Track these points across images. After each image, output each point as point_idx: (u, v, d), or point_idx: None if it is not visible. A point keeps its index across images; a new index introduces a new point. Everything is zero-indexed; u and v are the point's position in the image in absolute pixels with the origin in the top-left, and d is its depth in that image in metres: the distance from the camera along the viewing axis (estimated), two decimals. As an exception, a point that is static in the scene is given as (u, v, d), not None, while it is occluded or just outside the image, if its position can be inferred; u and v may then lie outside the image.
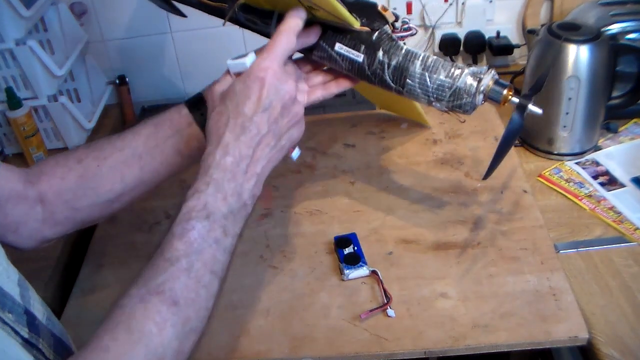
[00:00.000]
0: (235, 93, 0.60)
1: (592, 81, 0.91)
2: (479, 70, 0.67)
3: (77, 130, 1.14)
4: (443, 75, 0.67)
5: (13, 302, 0.53)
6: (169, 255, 0.54)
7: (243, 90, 0.60)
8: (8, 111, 1.04)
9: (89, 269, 0.87)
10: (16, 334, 0.50)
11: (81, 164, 0.68)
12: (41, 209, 0.67)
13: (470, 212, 0.89)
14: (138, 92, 1.30)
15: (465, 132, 1.06)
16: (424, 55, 0.68)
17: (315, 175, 1.01)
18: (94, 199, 0.69)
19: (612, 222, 0.85)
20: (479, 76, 0.66)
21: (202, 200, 0.57)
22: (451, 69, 0.67)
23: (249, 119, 0.59)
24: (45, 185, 0.67)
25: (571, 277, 0.77)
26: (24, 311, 0.53)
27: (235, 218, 0.59)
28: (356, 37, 0.69)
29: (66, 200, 0.68)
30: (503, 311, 0.73)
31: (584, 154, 0.99)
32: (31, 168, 0.69)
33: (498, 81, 0.67)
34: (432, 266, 0.81)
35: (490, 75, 0.66)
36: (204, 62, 1.27)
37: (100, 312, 0.79)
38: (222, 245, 0.57)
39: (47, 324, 0.56)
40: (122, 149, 0.69)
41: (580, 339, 0.70)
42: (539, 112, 0.67)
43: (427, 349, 0.70)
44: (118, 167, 0.69)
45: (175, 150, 0.70)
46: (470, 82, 0.66)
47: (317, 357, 0.71)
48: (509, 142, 0.71)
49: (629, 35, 0.98)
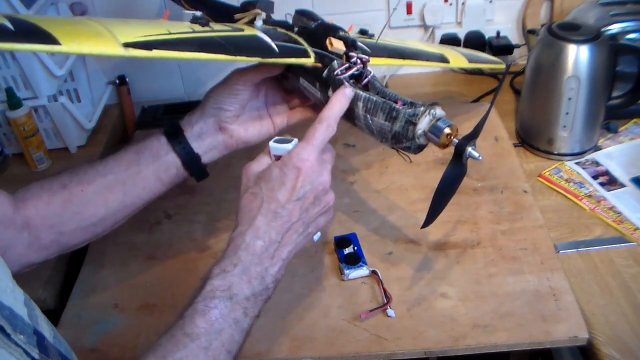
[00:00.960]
0: (271, 178, 0.62)
1: (592, 81, 0.91)
2: (416, 112, 0.61)
3: (77, 130, 1.14)
4: (382, 118, 0.63)
5: (23, 322, 0.53)
6: (190, 331, 0.56)
7: (279, 177, 0.62)
8: (8, 111, 1.04)
9: (89, 269, 0.87)
10: (27, 355, 0.50)
11: (66, 189, 0.70)
12: (27, 233, 0.68)
13: (470, 212, 0.89)
14: (138, 92, 1.30)
15: (465, 132, 1.06)
16: (364, 97, 0.64)
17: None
18: (78, 222, 0.70)
19: (612, 222, 0.85)
20: (414, 120, 0.61)
21: (227, 280, 0.59)
22: (390, 112, 0.62)
23: (282, 206, 0.62)
24: (32, 210, 0.68)
25: (571, 277, 0.77)
26: (33, 331, 0.53)
27: (256, 300, 0.61)
28: (312, 72, 0.69)
29: (52, 225, 0.69)
30: (503, 311, 0.73)
31: (584, 154, 0.99)
32: (16, 193, 0.70)
33: (436, 125, 0.61)
34: (432, 266, 0.81)
35: (428, 118, 0.61)
36: (204, 62, 1.27)
37: (100, 312, 0.79)
38: (240, 326, 0.59)
39: (54, 343, 0.56)
40: (105, 175, 0.71)
41: (580, 339, 0.70)
42: (478, 157, 0.62)
43: (427, 349, 0.70)
44: (101, 192, 0.71)
45: (156, 177, 0.73)
46: (406, 127, 0.62)
47: (317, 357, 0.71)
48: (447, 190, 0.68)
49: (629, 35, 0.98)
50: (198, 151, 0.73)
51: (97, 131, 1.19)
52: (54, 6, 1.12)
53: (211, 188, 0.97)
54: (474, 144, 0.63)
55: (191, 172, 0.75)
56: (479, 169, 0.97)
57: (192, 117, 0.74)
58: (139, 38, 0.57)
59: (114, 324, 0.78)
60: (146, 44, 0.57)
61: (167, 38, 0.60)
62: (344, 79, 0.66)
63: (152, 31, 0.60)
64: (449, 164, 0.65)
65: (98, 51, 0.54)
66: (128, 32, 0.58)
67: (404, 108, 0.62)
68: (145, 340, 0.75)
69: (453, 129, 0.62)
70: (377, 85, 0.67)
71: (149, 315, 0.79)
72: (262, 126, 0.76)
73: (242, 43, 0.66)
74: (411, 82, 1.29)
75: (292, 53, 0.68)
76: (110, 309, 0.80)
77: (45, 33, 0.52)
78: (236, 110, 0.73)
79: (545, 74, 0.95)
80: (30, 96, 1.07)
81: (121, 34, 0.57)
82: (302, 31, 0.73)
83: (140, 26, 0.62)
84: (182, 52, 0.59)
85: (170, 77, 1.31)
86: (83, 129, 1.15)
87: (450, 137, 0.62)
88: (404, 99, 0.64)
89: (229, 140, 0.75)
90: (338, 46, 0.67)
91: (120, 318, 0.79)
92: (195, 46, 0.61)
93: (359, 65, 0.67)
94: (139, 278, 0.85)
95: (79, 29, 0.57)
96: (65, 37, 0.53)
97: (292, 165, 0.62)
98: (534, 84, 0.98)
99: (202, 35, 0.64)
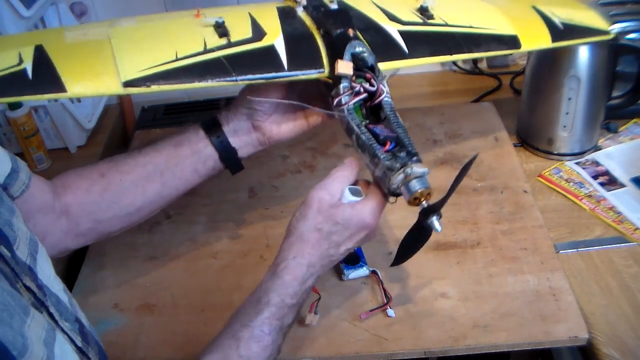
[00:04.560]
0: (340, 223, 0.62)
1: (592, 81, 0.91)
2: (392, 166, 0.59)
3: (77, 130, 1.13)
4: (367, 159, 0.62)
5: (67, 310, 0.54)
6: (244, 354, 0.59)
7: (349, 231, 0.63)
8: (8, 111, 1.04)
9: (89, 269, 0.87)
10: (72, 342, 0.51)
11: (104, 178, 0.71)
12: (66, 220, 0.70)
13: (470, 212, 0.89)
14: (138, 92, 1.30)
15: (465, 132, 1.06)
16: (356, 133, 0.63)
17: (315, 175, 1.01)
18: (115, 211, 0.72)
19: (612, 222, 0.85)
20: (389, 175, 0.60)
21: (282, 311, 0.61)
22: (373, 157, 0.61)
23: (339, 254, 0.65)
24: (71, 198, 0.70)
25: (571, 277, 0.77)
26: (75, 319, 0.55)
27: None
28: (324, 84, 0.68)
29: (90, 212, 0.71)
30: (503, 311, 0.73)
31: (584, 154, 0.99)
32: (54, 180, 0.71)
33: (407, 185, 0.59)
34: (432, 266, 0.81)
35: (402, 176, 0.59)
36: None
37: (100, 312, 0.79)
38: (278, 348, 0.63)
39: (91, 330, 0.57)
40: (145, 165, 0.72)
41: (580, 339, 0.70)
42: (438, 229, 0.61)
43: (427, 349, 0.70)
44: (140, 181, 0.72)
45: (193, 169, 0.74)
46: (383, 175, 0.60)
47: (317, 357, 0.71)
48: (410, 247, 0.70)
49: (629, 35, 0.98)
50: (234, 146, 0.74)
51: (97, 131, 1.19)
52: (54, 6, 1.13)
53: (211, 189, 0.97)
54: (439, 214, 0.61)
55: (227, 165, 0.75)
56: (479, 169, 0.97)
57: (228, 114, 0.75)
58: (141, 73, 0.63)
59: (114, 324, 0.78)
60: (146, 78, 0.63)
61: (170, 68, 0.64)
62: (346, 109, 0.64)
63: (159, 55, 0.64)
64: (414, 224, 0.65)
65: (98, 93, 0.63)
66: (135, 60, 0.64)
67: (385, 158, 0.60)
68: (146, 340, 0.75)
69: (424, 192, 0.59)
70: (387, 108, 0.65)
71: (149, 315, 0.79)
72: (295, 124, 0.76)
73: (250, 59, 0.67)
74: (411, 82, 1.29)
75: (305, 65, 0.68)
76: (110, 309, 0.80)
77: (57, 78, 0.61)
78: (267, 109, 0.73)
79: (546, 74, 0.95)
80: (30, 96, 1.07)
81: (126, 65, 0.63)
82: (325, 36, 0.70)
83: (154, 44, 0.67)
84: (179, 85, 0.64)
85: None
86: (83, 129, 1.14)
87: (418, 201, 0.60)
88: (400, 136, 0.62)
89: (262, 138, 0.75)
90: (344, 70, 0.64)
91: (120, 318, 0.79)
92: (196, 74, 0.64)
93: (363, 95, 0.65)
94: (139, 278, 0.85)
95: (88, 65, 0.64)
96: (71, 81, 0.61)
97: (359, 220, 0.62)
98: (534, 84, 0.98)
99: (208, 57, 0.66)
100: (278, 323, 0.61)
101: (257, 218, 0.93)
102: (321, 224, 0.63)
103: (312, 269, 0.63)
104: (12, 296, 0.44)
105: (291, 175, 1.01)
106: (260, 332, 0.59)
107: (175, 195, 0.75)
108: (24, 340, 0.41)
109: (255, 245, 0.88)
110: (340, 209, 0.62)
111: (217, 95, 1.29)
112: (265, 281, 0.63)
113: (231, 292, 0.80)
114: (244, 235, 0.90)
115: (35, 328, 0.44)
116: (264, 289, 0.62)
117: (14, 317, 0.42)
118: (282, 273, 0.62)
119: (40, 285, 0.52)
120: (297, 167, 1.02)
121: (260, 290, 0.62)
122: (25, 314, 0.44)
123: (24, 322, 0.43)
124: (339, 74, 0.64)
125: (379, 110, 0.66)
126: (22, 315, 0.43)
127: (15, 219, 0.55)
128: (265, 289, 0.62)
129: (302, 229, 0.63)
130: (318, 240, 0.63)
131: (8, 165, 0.62)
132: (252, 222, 0.92)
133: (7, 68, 0.60)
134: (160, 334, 0.76)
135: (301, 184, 0.99)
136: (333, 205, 0.63)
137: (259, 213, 0.93)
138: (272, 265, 0.64)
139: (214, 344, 0.59)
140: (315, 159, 1.04)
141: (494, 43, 0.77)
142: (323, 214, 0.62)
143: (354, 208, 0.62)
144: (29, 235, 0.56)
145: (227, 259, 0.86)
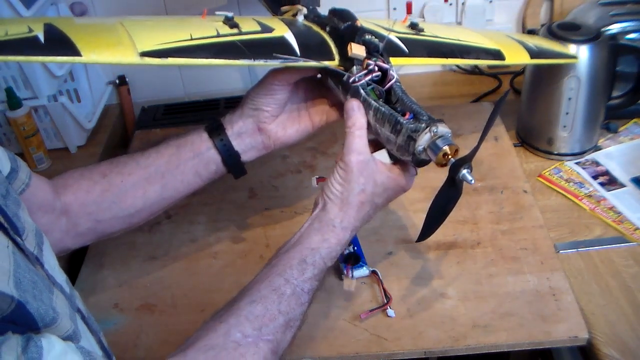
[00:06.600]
0: (379, 184, 0.65)
1: (592, 81, 0.91)
2: (417, 128, 0.60)
3: (77, 130, 1.13)
4: (388, 130, 0.63)
5: (71, 300, 0.54)
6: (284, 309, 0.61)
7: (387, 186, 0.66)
8: (8, 111, 1.04)
9: (89, 269, 0.87)
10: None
11: (105, 179, 0.72)
12: (65, 219, 0.70)
13: (470, 212, 0.89)
14: (138, 92, 1.30)
15: (465, 132, 1.06)
16: (375, 107, 0.64)
17: (315, 175, 1.00)
18: (116, 212, 0.72)
19: (612, 222, 0.85)
20: (414, 137, 0.60)
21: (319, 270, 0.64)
22: (395, 125, 0.62)
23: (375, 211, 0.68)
24: (71, 197, 0.70)
25: (571, 277, 0.77)
26: (77, 309, 0.55)
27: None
28: (336, 74, 0.69)
29: (90, 213, 0.71)
30: (503, 311, 0.73)
31: (584, 154, 0.99)
32: (55, 179, 0.71)
33: (435, 143, 0.60)
34: (432, 266, 0.81)
35: (428, 135, 0.60)
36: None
37: (100, 312, 0.79)
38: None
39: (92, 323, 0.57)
40: (146, 167, 0.73)
41: (580, 339, 0.70)
42: (470, 180, 0.60)
43: (427, 349, 0.70)
44: (141, 183, 0.72)
45: (195, 172, 0.74)
46: (407, 141, 0.61)
47: (317, 357, 0.71)
48: (440, 210, 0.71)
49: (629, 35, 0.98)
50: (238, 149, 0.74)
51: (97, 131, 1.19)
52: (54, 6, 1.13)
53: (211, 189, 0.96)
54: (470, 166, 0.61)
55: (230, 169, 0.75)
56: (479, 169, 0.97)
57: (233, 116, 0.74)
58: (157, 46, 0.60)
59: (114, 323, 0.78)
60: (163, 52, 0.59)
61: (186, 45, 0.62)
62: (360, 86, 0.65)
63: (174, 36, 0.62)
64: (443, 184, 0.65)
65: (115, 60, 0.58)
66: (150, 37, 0.61)
67: (407, 122, 0.61)
68: (146, 340, 0.75)
69: (452, 148, 0.60)
70: (398, 91, 0.66)
71: (149, 315, 0.79)
72: (300, 126, 0.76)
73: (264, 46, 0.66)
74: (411, 81, 1.29)
75: (316, 55, 0.68)
76: (110, 308, 0.80)
77: (71, 44, 0.56)
78: (274, 110, 0.73)
79: (546, 74, 0.95)
80: (30, 96, 1.07)
81: (142, 40, 0.60)
82: (332, 31, 0.72)
83: (167, 29, 0.64)
84: (197, 59, 0.61)
85: (170, 77, 1.31)
86: (83, 129, 1.14)
87: (447, 157, 0.60)
88: (416, 109, 0.63)
89: (267, 141, 0.75)
90: (357, 52, 0.66)
91: (120, 318, 0.79)
92: (212, 52, 0.62)
93: (377, 73, 0.66)
94: (139, 278, 0.85)
95: (103, 38, 0.60)
96: (86, 48, 0.56)
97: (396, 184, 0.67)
98: (534, 84, 0.98)
99: (223, 40, 0.65)
100: (316, 284, 0.64)
101: (257, 218, 0.93)
102: (364, 184, 0.65)
103: (353, 233, 0.66)
104: (38, 275, 0.46)
105: (291, 175, 1.01)
106: (301, 290, 0.62)
107: (176, 197, 0.75)
108: (54, 315, 0.44)
109: (255, 245, 0.88)
110: (377, 169, 0.65)
111: (217, 96, 1.29)
112: (311, 241, 0.64)
113: (231, 292, 0.79)
114: (244, 235, 0.90)
115: (61, 304, 0.47)
116: (309, 249, 0.64)
117: (43, 293, 0.44)
118: (328, 236, 0.64)
119: (48, 275, 0.53)
120: (297, 167, 1.02)
121: (306, 250, 0.64)
122: (49, 291, 0.46)
123: (50, 298, 0.45)
124: (352, 55, 0.66)
125: (389, 97, 0.67)
126: (47, 292, 0.45)
127: (22, 211, 0.56)
128: (312, 250, 0.64)
129: (346, 194, 0.65)
130: (362, 202, 0.65)
131: (7, 165, 0.63)
132: (252, 222, 0.92)
133: (17, 34, 0.55)
134: (160, 334, 0.76)
135: (301, 184, 0.99)
136: (368, 162, 0.64)
137: (259, 213, 0.94)
138: (314, 222, 0.66)
139: (254, 292, 0.61)
140: (315, 159, 1.04)
141: (482, 53, 0.85)
142: (363, 174, 0.64)
143: (392, 170, 0.66)
144: (35, 227, 0.56)
145: (227, 259, 0.86)
